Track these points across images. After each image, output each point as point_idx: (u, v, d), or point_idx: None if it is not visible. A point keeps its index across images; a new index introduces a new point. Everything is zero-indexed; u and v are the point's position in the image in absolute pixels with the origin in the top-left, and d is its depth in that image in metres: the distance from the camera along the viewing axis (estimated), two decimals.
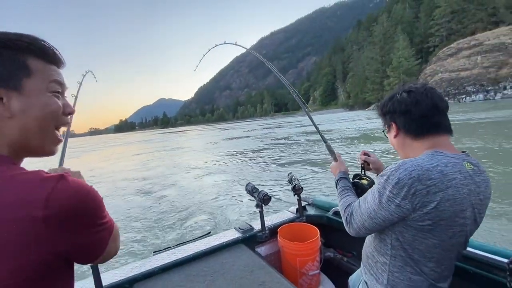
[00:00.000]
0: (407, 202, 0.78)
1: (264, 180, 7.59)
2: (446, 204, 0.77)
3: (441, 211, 0.77)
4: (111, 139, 78.78)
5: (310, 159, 10.26)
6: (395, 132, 0.95)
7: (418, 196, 0.77)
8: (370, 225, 0.89)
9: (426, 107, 0.87)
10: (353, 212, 0.97)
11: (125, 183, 9.59)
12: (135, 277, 1.36)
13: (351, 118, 37.02)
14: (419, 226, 0.80)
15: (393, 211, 0.81)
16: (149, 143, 36.13)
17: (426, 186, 0.76)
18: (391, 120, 0.96)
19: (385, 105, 0.97)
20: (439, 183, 0.76)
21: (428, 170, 0.78)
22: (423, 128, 0.89)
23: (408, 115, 0.90)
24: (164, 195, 7.29)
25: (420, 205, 0.78)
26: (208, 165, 11.77)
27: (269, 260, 1.75)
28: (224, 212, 5.39)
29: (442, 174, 0.78)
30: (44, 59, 0.50)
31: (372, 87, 76.48)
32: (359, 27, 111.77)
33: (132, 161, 16.74)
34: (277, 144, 17.10)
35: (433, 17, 65.79)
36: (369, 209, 0.88)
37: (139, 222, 5.41)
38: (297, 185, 1.80)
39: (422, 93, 0.89)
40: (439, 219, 0.78)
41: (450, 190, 0.77)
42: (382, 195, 0.83)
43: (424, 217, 0.78)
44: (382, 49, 75.81)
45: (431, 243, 0.82)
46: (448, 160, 0.81)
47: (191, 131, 73.03)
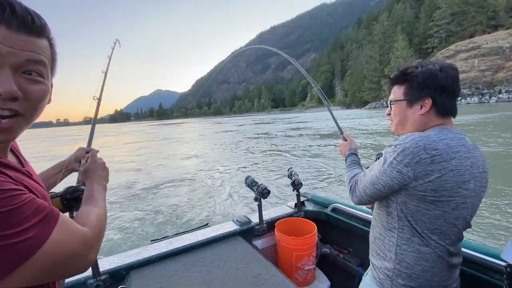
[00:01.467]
0: (409, 170, 0.79)
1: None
2: (449, 174, 0.78)
3: (444, 181, 0.78)
4: (106, 129, 77.94)
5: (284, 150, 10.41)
6: (427, 109, 0.88)
7: (421, 164, 0.78)
8: (371, 191, 0.90)
9: (459, 89, 0.88)
10: (358, 181, 0.98)
11: (126, 172, 9.56)
12: (132, 264, 1.37)
13: (348, 116, 37.34)
14: (421, 195, 0.81)
15: (394, 176, 0.82)
16: (143, 133, 36.08)
17: (431, 156, 0.78)
18: (429, 95, 0.87)
19: (431, 77, 0.87)
20: (444, 154, 0.78)
21: (434, 141, 0.79)
22: (455, 110, 0.89)
23: (452, 95, 0.88)
24: (163, 185, 7.33)
25: (423, 174, 0.79)
26: (206, 156, 12.01)
27: (266, 253, 1.76)
28: (222, 204, 5.42)
29: (448, 146, 0.80)
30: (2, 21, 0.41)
31: (369, 86, 76.80)
32: (359, 25, 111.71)
33: (129, 150, 16.69)
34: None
35: (433, 18, 65.98)
36: (372, 176, 0.90)
37: (137, 210, 5.43)
38: (297, 180, 1.79)
39: (458, 75, 0.89)
40: (442, 189, 0.79)
41: (454, 161, 0.79)
42: (386, 162, 0.85)
43: (426, 186, 0.79)
44: (381, 48, 75.98)
45: (433, 214, 0.82)
46: (454, 135, 0.84)
47: (187, 123, 72.95)
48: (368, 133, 15.89)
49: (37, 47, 0.45)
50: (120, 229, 4.51)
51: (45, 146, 25.26)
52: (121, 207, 5.73)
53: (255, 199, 1.72)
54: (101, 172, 0.79)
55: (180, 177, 8.27)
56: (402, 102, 0.94)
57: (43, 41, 0.46)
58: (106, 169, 0.82)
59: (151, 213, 5.26)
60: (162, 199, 6.12)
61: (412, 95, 0.91)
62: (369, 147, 10.69)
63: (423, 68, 0.89)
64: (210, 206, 5.42)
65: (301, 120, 37.23)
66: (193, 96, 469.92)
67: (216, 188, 6.69)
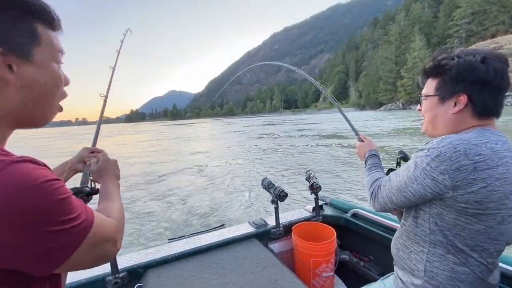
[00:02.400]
0: (447, 178, 0.70)
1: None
2: (496, 184, 0.69)
3: (490, 191, 0.69)
4: (121, 129, 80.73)
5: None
6: (461, 107, 0.77)
7: (462, 172, 0.69)
8: (397, 198, 0.81)
9: (508, 84, 0.75)
10: (381, 185, 0.89)
11: (140, 170, 9.75)
12: (150, 263, 1.39)
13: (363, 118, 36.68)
14: (462, 208, 0.71)
15: (428, 185, 0.73)
16: (156, 132, 36.98)
17: (474, 162, 0.68)
18: (464, 91, 0.76)
19: (469, 70, 0.75)
20: (489, 160, 0.69)
21: (477, 145, 0.70)
22: (498, 109, 0.77)
23: (497, 92, 0.75)
24: (179, 184, 7.42)
25: (465, 183, 0.69)
26: (221, 155, 12.17)
27: (282, 257, 1.72)
28: (238, 205, 5.40)
29: (493, 151, 0.70)
30: (51, 26, 0.47)
31: (385, 88, 75.10)
32: (375, 25, 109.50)
33: (143, 148, 17.13)
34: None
35: (453, 18, 63.69)
36: (400, 182, 0.80)
37: (153, 208, 5.51)
38: (315, 183, 1.74)
39: (508, 66, 0.76)
40: (488, 201, 0.69)
41: (500, 168, 0.69)
42: (418, 168, 0.75)
43: (468, 197, 0.70)
44: (398, 49, 74.11)
45: (475, 228, 0.72)
46: (498, 138, 0.74)
47: (198, 124, 74.29)
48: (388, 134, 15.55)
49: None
50: (137, 226, 4.59)
51: (68, 143, 27.20)
52: (138, 204, 5.84)
53: (272, 201, 1.69)
54: (114, 170, 0.81)
55: (194, 176, 8.35)
56: (433, 97, 0.83)
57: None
58: (118, 167, 0.84)
59: (167, 211, 5.32)
60: (177, 198, 6.18)
61: (445, 90, 0.80)
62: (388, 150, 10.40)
63: (460, 59, 0.76)
64: (225, 206, 5.42)
65: (311, 122, 37.00)
66: (206, 97, 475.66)
67: (231, 188, 6.69)
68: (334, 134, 18.47)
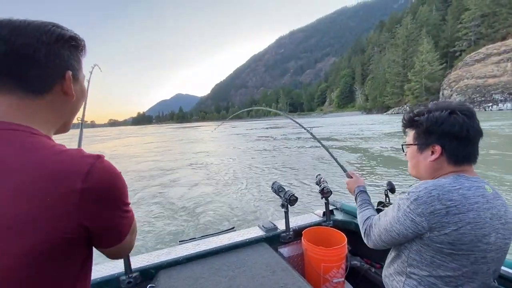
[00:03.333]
0: (423, 220, 0.77)
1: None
2: (467, 227, 0.75)
3: (462, 234, 0.75)
4: (129, 131, 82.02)
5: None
6: (437, 156, 0.85)
7: (436, 215, 0.76)
8: (386, 237, 0.89)
9: (479, 136, 0.84)
10: (372, 225, 0.98)
11: (154, 172, 9.87)
12: (161, 264, 1.41)
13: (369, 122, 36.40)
14: (438, 247, 0.78)
15: (408, 226, 0.81)
16: (162, 135, 37.39)
17: (446, 207, 0.75)
18: (436, 142, 0.85)
19: (437, 124, 0.84)
20: (460, 205, 0.75)
21: (449, 192, 0.77)
22: (470, 157, 0.84)
23: (465, 142, 0.82)
24: (189, 187, 7.49)
25: (439, 226, 0.76)
26: (231, 158, 12.24)
27: (292, 262, 1.71)
28: (247, 208, 5.42)
29: (464, 197, 0.76)
30: (83, 56, 0.61)
31: (391, 91, 74.45)
32: (381, 28, 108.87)
33: (148, 150, 17.28)
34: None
35: (461, 20, 62.85)
36: (386, 222, 0.89)
37: (165, 210, 5.57)
38: (326, 188, 1.72)
39: (475, 118, 0.84)
40: (460, 243, 0.75)
41: (471, 214, 0.75)
42: (400, 209, 0.83)
43: (443, 239, 0.76)
44: (405, 52, 73.52)
45: (450, 266, 0.78)
46: (471, 184, 0.80)
47: (203, 127, 75.04)
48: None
49: None
50: (149, 228, 4.64)
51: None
52: (148, 205, 5.90)
53: (282, 205, 1.68)
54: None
55: (203, 179, 8.38)
56: (413, 146, 0.93)
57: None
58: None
59: (177, 213, 5.37)
60: (187, 200, 6.22)
61: (420, 141, 0.90)
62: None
63: (429, 114, 0.87)
64: (235, 209, 5.44)
65: (314, 125, 36.86)
66: (212, 100, 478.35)
67: (240, 191, 6.72)
68: (353, 137, 18.29)
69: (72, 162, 0.47)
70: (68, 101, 0.57)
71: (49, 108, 0.55)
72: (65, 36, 0.55)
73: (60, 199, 0.44)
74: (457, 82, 54.52)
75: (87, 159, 0.49)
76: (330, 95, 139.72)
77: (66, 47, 0.55)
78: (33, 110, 0.52)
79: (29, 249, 0.42)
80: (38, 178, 0.44)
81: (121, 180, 0.53)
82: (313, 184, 6.36)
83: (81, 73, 0.61)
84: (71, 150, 0.50)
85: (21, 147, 0.46)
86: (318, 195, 1.79)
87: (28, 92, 0.51)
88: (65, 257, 0.47)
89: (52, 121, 0.56)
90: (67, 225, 0.45)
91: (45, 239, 0.43)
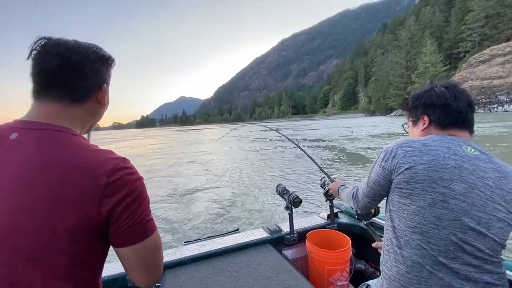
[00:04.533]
0: (388, 164, 0.88)
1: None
2: (419, 167, 0.81)
3: (414, 173, 0.82)
4: (133, 133, 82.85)
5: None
6: (426, 125, 0.98)
7: (396, 158, 0.86)
8: (367, 191, 1.01)
9: (463, 103, 0.92)
10: (358, 188, 1.12)
11: (153, 173, 9.91)
12: (167, 265, 1.42)
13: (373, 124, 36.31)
14: (398, 188, 0.86)
15: (379, 172, 0.92)
16: (165, 137, 37.68)
17: (404, 151, 0.86)
18: (423, 113, 0.98)
19: (419, 98, 0.99)
20: (417, 150, 0.84)
21: (412, 141, 0.88)
22: (456, 122, 0.92)
23: (445, 108, 0.92)
24: (195, 188, 7.55)
25: (397, 167, 0.86)
26: (238, 160, 12.19)
27: (296, 264, 1.72)
28: (252, 210, 5.42)
29: (424, 145, 0.85)
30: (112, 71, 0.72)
31: (395, 93, 73.88)
32: (384, 30, 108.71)
33: (151, 152, 17.41)
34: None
35: (465, 22, 62.40)
36: (367, 178, 1.01)
37: (170, 211, 5.62)
38: (330, 191, 1.73)
39: (459, 90, 0.94)
40: (414, 181, 0.82)
41: (425, 157, 0.82)
42: (375, 163, 0.96)
43: (400, 178, 0.85)
44: (408, 54, 73.07)
45: (411, 209, 0.83)
46: (443, 139, 0.87)
47: (206, 129, 75.46)
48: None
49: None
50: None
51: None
52: (153, 207, 5.91)
53: (286, 207, 1.69)
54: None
55: (207, 180, 8.40)
56: (409, 123, 1.08)
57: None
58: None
59: (182, 214, 5.41)
60: (191, 200, 6.26)
61: (412, 116, 1.05)
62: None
63: (414, 92, 1.04)
64: (239, 210, 5.45)
65: (312, 128, 36.89)
66: (215, 103, 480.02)
67: (244, 193, 6.73)
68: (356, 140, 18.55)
69: (101, 161, 0.55)
70: (100, 108, 0.68)
71: (85, 113, 0.65)
72: (105, 56, 0.67)
73: (88, 190, 0.52)
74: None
75: (114, 159, 0.57)
76: (333, 97, 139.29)
77: (104, 64, 0.67)
78: (74, 115, 0.62)
79: (56, 230, 0.51)
80: (74, 171, 0.53)
81: (142, 184, 0.60)
82: (317, 187, 6.35)
83: (108, 85, 0.70)
84: (102, 150, 0.59)
85: (63, 145, 0.56)
86: (323, 198, 1.79)
87: (73, 101, 0.61)
88: (86, 244, 0.54)
89: (84, 125, 0.66)
90: (90, 213, 0.53)
91: (69, 222, 0.51)
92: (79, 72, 0.60)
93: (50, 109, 0.59)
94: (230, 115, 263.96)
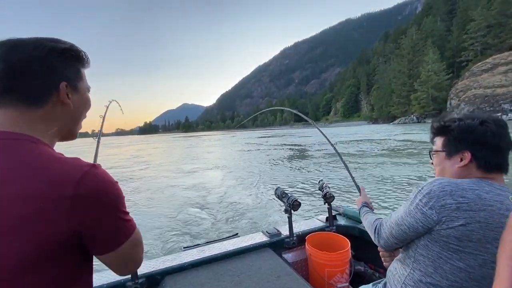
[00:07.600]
0: (434, 213, 0.78)
1: None
2: (476, 225, 0.73)
3: (470, 231, 0.74)
4: (137, 139, 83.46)
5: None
6: (466, 162, 0.86)
7: (446, 209, 0.76)
8: (397, 232, 0.89)
9: (510, 146, 0.85)
10: (382, 223, 1.00)
11: (159, 181, 9.97)
12: (167, 270, 1.41)
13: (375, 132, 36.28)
14: (445, 242, 0.77)
15: (419, 218, 0.81)
16: (168, 143, 37.95)
17: (457, 202, 0.75)
18: (466, 148, 0.86)
19: (470, 131, 0.85)
20: (472, 203, 0.74)
21: (463, 190, 0.77)
22: (500, 166, 0.84)
23: (497, 150, 0.83)
24: (193, 193, 7.58)
25: (448, 219, 0.76)
26: (234, 164, 12.32)
27: (296, 267, 1.72)
28: (251, 214, 5.42)
29: (478, 197, 0.75)
30: (84, 66, 0.65)
31: (397, 101, 73.92)
32: (386, 39, 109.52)
33: (153, 159, 17.47)
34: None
35: (467, 31, 62.77)
36: (398, 217, 0.90)
37: (169, 217, 5.62)
38: (328, 193, 1.75)
39: (507, 129, 0.85)
40: (468, 240, 0.74)
41: (482, 213, 0.74)
42: (412, 203, 0.84)
43: (450, 232, 0.76)
44: (410, 62, 73.36)
45: (456, 265, 0.77)
46: (491, 189, 0.79)
47: (208, 136, 75.86)
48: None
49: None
50: (154, 234, 4.67)
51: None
52: (152, 212, 5.95)
53: (285, 211, 1.71)
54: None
55: (205, 185, 8.43)
56: (441, 153, 0.94)
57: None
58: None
59: (181, 219, 5.41)
60: (190, 205, 6.27)
61: (450, 147, 0.91)
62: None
63: (461, 122, 0.88)
64: (238, 214, 5.45)
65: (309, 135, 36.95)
66: (218, 110, 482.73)
67: (243, 197, 6.74)
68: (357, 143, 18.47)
69: (66, 170, 0.50)
70: (67, 110, 0.60)
71: (49, 117, 0.57)
72: (57, 49, 0.57)
73: (52, 204, 0.46)
74: (465, 91, 53.93)
75: (82, 167, 0.51)
76: (335, 105, 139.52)
77: (60, 59, 0.57)
78: (34, 120, 0.55)
79: (21, 250, 0.45)
80: (34, 184, 0.47)
81: (116, 188, 0.55)
82: (314, 189, 6.35)
83: (82, 83, 0.63)
84: (67, 158, 0.53)
85: (20, 155, 0.50)
86: (321, 200, 1.82)
87: (29, 105, 0.55)
88: (57, 260, 0.48)
89: (53, 130, 0.59)
90: (58, 229, 0.47)
91: (36, 241, 0.45)
92: (25, 72, 0.54)
93: (5, 117, 0.54)
94: (233, 122, 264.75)
